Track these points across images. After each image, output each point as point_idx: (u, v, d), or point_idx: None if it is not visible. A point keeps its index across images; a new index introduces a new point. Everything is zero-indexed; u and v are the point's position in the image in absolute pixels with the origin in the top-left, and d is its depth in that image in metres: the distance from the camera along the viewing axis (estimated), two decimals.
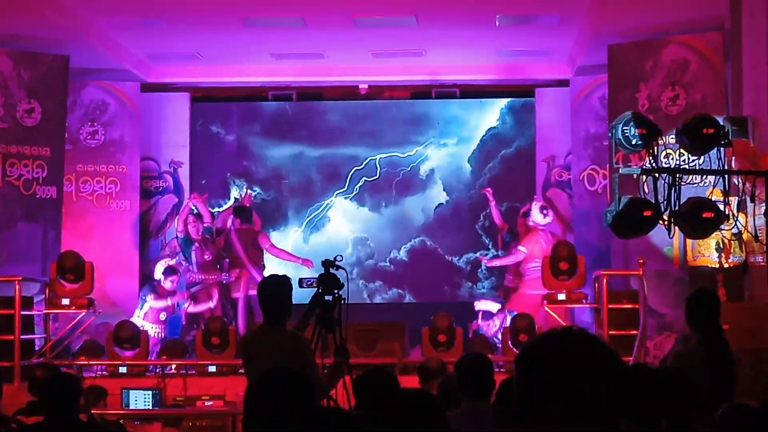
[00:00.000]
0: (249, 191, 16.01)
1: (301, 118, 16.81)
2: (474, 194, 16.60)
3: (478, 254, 16.27)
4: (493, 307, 14.34)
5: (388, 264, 16.79)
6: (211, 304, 14.15)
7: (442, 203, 16.79)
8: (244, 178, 16.67)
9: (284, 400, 3.77)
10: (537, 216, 14.37)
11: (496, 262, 14.96)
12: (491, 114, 16.78)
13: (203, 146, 16.55)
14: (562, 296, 12.63)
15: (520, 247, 14.28)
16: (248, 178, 16.68)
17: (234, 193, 16.64)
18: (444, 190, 16.81)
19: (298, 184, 16.75)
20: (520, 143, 16.53)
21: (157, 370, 12.38)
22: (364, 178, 16.77)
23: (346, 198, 16.63)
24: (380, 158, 16.75)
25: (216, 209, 16.18)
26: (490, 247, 16.43)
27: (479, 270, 16.54)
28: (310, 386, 3.92)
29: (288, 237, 16.39)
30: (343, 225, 16.66)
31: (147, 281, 14.85)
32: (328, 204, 16.63)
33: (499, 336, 13.26)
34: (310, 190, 16.77)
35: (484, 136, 16.76)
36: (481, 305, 14.44)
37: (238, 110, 16.87)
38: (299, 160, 16.76)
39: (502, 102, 16.64)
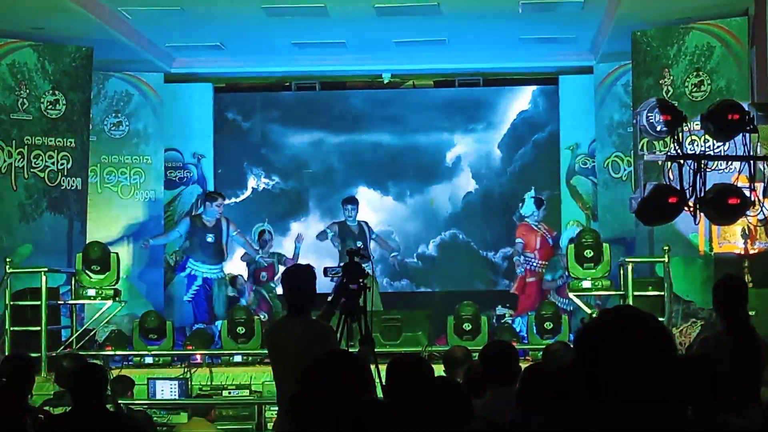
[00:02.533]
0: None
1: (322, 103, 16.67)
2: (505, 182, 16.33)
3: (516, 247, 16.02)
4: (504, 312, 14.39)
5: (415, 260, 16.28)
6: None
7: (471, 192, 16.43)
8: (263, 167, 16.62)
9: (345, 381, 3.75)
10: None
11: None
12: (523, 96, 16.49)
13: (226, 136, 16.56)
14: (587, 284, 12.57)
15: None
16: (266, 167, 16.61)
17: (251, 182, 16.57)
18: (473, 177, 16.45)
19: (319, 173, 16.55)
20: (553, 127, 16.22)
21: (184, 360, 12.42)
22: (388, 165, 16.50)
23: (369, 187, 16.46)
24: (404, 144, 16.51)
25: (233, 199, 16.21)
26: None
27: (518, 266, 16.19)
28: (368, 370, 3.91)
29: (309, 228, 16.18)
30: (366, 215, 16.08)
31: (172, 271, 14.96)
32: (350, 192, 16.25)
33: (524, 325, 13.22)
34: (331, 178, 16.55)
35: (515, 119, 16.44)
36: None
37: (261, 100, 16.86)
38: (320, 147, 16.55)
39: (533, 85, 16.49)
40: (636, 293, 11.87)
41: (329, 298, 7.80)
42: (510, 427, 4.81)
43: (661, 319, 11.23)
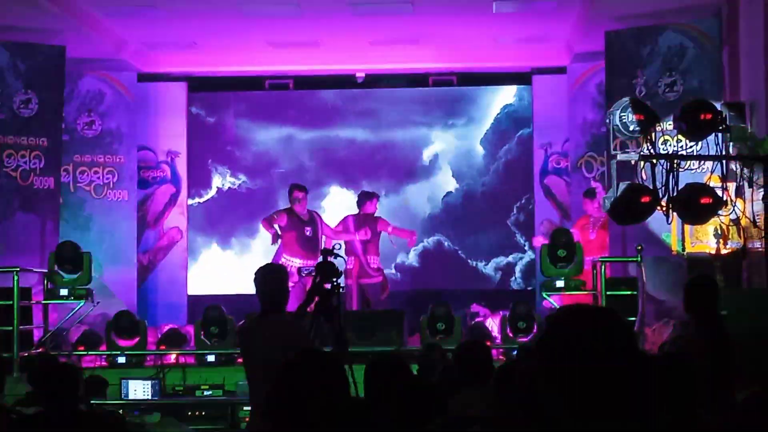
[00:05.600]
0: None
1: (294, 100, 16.39)
2: (489, 181, 16.00)
3: (509, 258, 15.51)
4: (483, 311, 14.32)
5: (393, 271, 15.54)
6: None
7: (450, 191, 16.01)
8: (227, 165, 16.45)
9: (317, 380, 3.74)
10: None
11: None
12: (506, 90, 16.21)
13: (199, 135, 16.46)
14: (560, 283, 12.60)
15: None
16: (233, 165, 16.45)
17: (216, 181, 16.38)
18: (453, 176, 16.02)
19: (289, 172, 16.16)
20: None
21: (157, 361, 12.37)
22: (362, 163, 16.10)
23: (342, 187, 16.18)
24: (379, 141, 16.12)
25: (197, 199, 16.10)
26: (526, 248, 15.78)
27: (512, 278, 15.83)
28: (342, 370, 3.90)
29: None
30: (338, 217, 14.80)
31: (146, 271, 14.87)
32: (321, 192, 15.91)
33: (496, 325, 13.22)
34: (302, 177, 15.93)
35: (498, 114, 16.11)
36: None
37: (235, 99, 16.77)
38: (290, 144, 16.23)
39: None
40: (609, 293, 11.90)
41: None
42: (482, 420, 4.81)
43: (632, 318, 11.31)
